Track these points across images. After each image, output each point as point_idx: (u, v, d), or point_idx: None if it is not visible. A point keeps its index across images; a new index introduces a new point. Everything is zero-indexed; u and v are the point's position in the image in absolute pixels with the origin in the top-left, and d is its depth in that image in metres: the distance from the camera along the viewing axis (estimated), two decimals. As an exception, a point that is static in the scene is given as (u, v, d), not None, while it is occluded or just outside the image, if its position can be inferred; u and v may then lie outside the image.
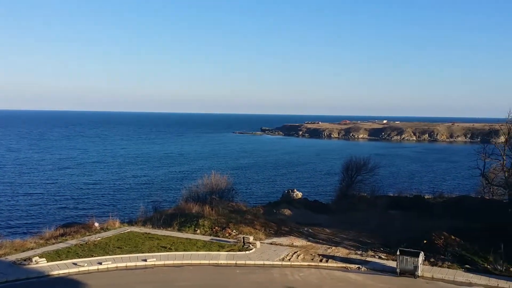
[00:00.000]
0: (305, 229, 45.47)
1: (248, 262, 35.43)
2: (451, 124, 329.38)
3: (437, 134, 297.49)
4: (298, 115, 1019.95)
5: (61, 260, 33.90)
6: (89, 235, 41.34)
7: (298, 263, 35.34)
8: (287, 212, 53.48)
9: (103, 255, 35.33)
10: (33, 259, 33.12)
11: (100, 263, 33.56)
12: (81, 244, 38.14)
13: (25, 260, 33.18)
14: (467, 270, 33.77)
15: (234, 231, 43.25)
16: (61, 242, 39.19)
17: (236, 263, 35.17)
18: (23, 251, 36.06)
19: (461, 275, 32.64)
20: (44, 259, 33.63)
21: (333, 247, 39.62)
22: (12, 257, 34.23)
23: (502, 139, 54.06)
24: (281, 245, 40.06)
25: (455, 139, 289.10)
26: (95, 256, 35.00)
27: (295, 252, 37.61)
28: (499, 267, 33.66)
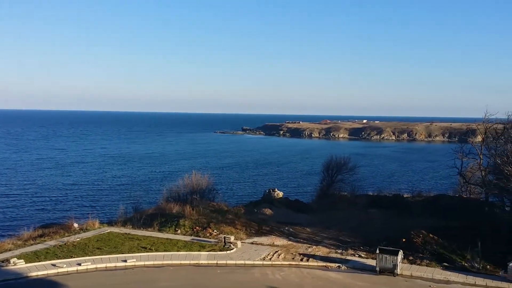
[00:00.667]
0: (286, 228, 45.63)
1: (229, 262, 35.44)
2: (429, 123, 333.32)
3: (415, 133, 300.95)
4: (279, 114, 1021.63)
5: (39, 261, 33.56)
6: (68, 236, 40.94)
7: (279, 263, 35.46)
8: (268, 211, 53.58)
9: (83, 256, 35.05)
10: (11, 261, 32.73)
11: (80, 264, 33.28)
12: (60, 245, 37.80)
13: (2, 262, 32.76)
14: (445, 268, 34.27)
15: (215, 231, 43.20)
16: (39, 243, 38.77)
17: (217, 263, 35.15)
18: (1, 253, 35.64)
19: (439, 273, 33.10)
20: (22, 260, 33.27)
21: (314, 246, 39.84)
22: (-12, 259, 33.63)
23: (479, 138, 54.97)
24: (262, 244, 40.15)
25: (433, 139, 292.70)
26: (74, 257, 34.69)
27: (276, 252, 37.73)
28: (476, 265, 34.25)
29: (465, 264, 34.84)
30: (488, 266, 34.17)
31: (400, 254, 33.65)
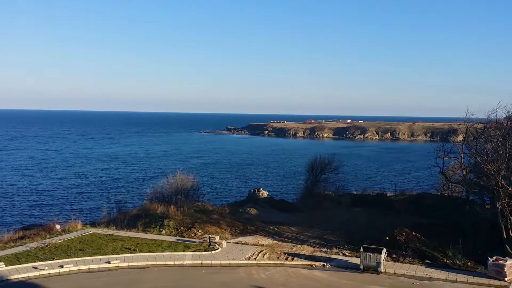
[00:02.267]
0: (271, 227, 45.72)
1: (214, 262, 35.39)
2: (412, 123, 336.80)
3: (398, 133, 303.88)
4: (263, 114, 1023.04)
5: (20, 264, 33.05)
6: (50, 237, 40.47)
7: (264, 262, 35.51)
8: (253, 211, 53.62)
9: (65, 258, 34.62)
10: (-9, 264, 32.07)
11: (62, 266, 32.87)
12: (41, 247, 37.32)
13: (-19, 265, 32.11)
14: (428, 265, 34.71)
15: (200, 231, 43.11)
16: (20, 245, 38.19)
17: (202, 263, 35.07)
18: (-20, 256, 34.85)
19: (421, 270, 33.49)
20: (2, 263, 32.72)
21: (299, 245, 39.97)
22: (-33, 262, 33.05)
23: (460, 138, 55.61)
24: (247, 244, 40.17)
25: (416, 138, 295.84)
26: (56, 259, 34.27)
27: (261, 251, 37.78)
28: (457, 262, 34.77)
29: (447, 261, 35.32)
30: (469, 263, 34.65)
31: (384, 252, 33.97)
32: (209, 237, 39.70)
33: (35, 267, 32.51)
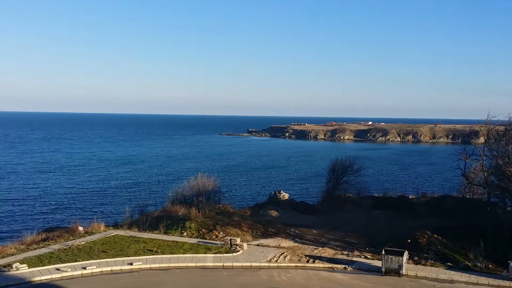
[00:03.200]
0: (292, 230, 45.65)
1: (235, 264, 35.49)
2: (434, 125, 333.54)
3: (420, 135, 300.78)
4: (284, 116, 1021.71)
5: (43, 266, 33.28)
6: (73, 239, 40.80)
7: (285, 264, 35.49)
8: (274, 213, 53.61)
9: (88, 260, 34.89)
10: (14, 265, 32.36)
11: (84, 268, 33.13)
12: (64, 249, 37.59)
13: (4, 267, 32.41)
14: (449, 268, 34.43)
15: (221, 233, 43.27)
16: (43, 247, 38.45)
17: (223, 265, 35.20)
18: (3, 257, 35.15)
19: (443, 273, 33.23)
20: (25, 265, 32.95)
21: (320, 248, 39.86)
22: (-10, 264, 33.49)
23: (481, 140, 54.95)
24: (268, 246, 40.19)
25: (438, 140, 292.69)
26: (79, 261, 34.52)
27: (282, 253, 37.77)
28: (479, 264, 34.50)
29: (468, 263, 35.03)
30: (490, 266, 34.45)
31: (405, 254, 33.74)
32: (230, 239, 39.81)
33: (58, 269, 32.75)
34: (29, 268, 32.72)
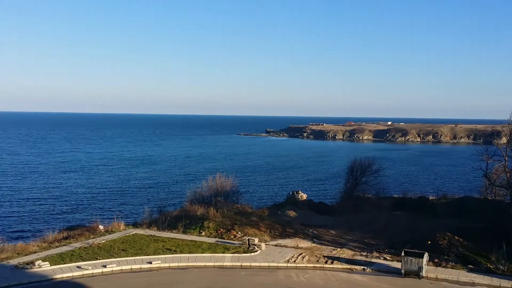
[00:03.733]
0: (310, 230, 45.52)
1: (253, 264, 35.53)
2: (454, 125, 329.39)
3: (441, 135, 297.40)
4: (302, 116, 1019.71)
5: (64, 264, 33.83)
6: (94, 237, 41.33)
7: (303, 265, 35.41)
8: (292, 213, 53.53)
9: (108, 258, 35.33)
10: (36, 263, 32.94)
11: (105, 266, 33.56)
12: (85, 247, 38.15)
13: (27, 264, 33.01)
14: (470, 270, 33.95)
15: (239, 233, 43.35)
16: (64, 245, 39.09)
17: (241, 265, 35.27)
18: (26, 255, 35.84)
19: (464, 275, 32.78)
20: (47, 262, 33.51)
21: (338, 249, 39.68)
22: (14, 261, 34.13)
23: (504, 140, 54.08)
24: (286, 246, 40.15)
25: (459, 141, 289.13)
26: (99, 259, 34.98)
27: (300, 254, 37.69)
28: (501, 267, 33.88)
29: (490, 266, 34.46)
30: (513, 268, 33.71)
31: (426, 256, 33.36)
32: (248, 239, 39.86)
33: (79, 267, 33.22)
34: (51, 265, 33.24)
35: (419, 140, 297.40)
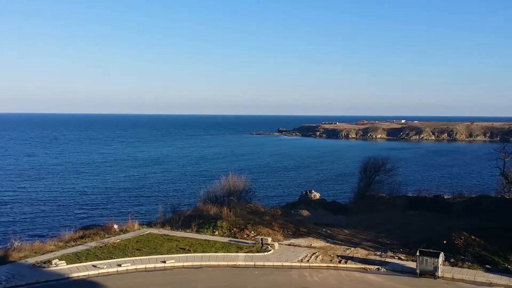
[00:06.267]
0: (324, 230, 45.31)
1: (266, 263, 35.43)
2: (470, 123, 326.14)
3: (456, 133, 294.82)
4: (315, 115, 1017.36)
5: (80, 263, 34.10)
6: (108, 237, 41.56)
7: (317, 264, 35.23)
8: (305, 213, 53.36)
9: (123, 257, 35.53)
10: (53, 262, 33.30)
11: (120, 265, 33.75)
12: (100, 246, 38.37)
13: (44, 263, 33.37)
14: (488, 270, 33.45)
15: (252, 232, 43.28)
16: (80, 244, 39.39)
17: (254, 264, 35.19)
18: (43, 254, 36.28)
19: (481, 275, 32.31)
20: (63, 261, 33.82)
21: (352, 248, 39.42)
22: (31, 260, 34.48)
23: (522, 137, 53.16)
24: (299, 246, 39.99)
25: (475, 138, 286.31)
26: (114, 258, 35.18)
27: (314, 253, 37.51)
28: (519, 267, 33.30)
29: (508, 266, 33.95)
30: (531, 268, 33.20)
31: (441, 256, 32.93)
32: (261, 238, 39.77)
33: (94, 266, 33.47)
34: (67, 264, 33.50)
35: (433, 138, 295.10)
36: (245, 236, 42.72)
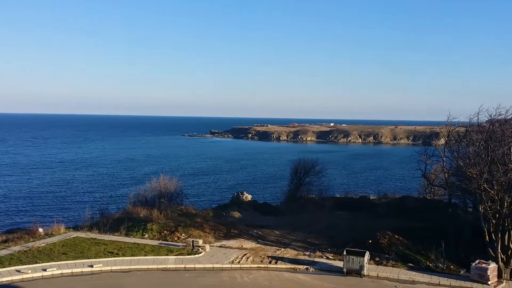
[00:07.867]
0: (255, 231, 45.78)
1: (197, 265, 35.34)
2: (394, 127, 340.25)
3: (381, 136, 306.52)
4: (247, 117, 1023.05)
5: (3, 267, 32.81)
6: (33, 241, 40.17)
7: (248, 266, 35.54)
8: (236, 214, 53.65)
9: (48, 262, 34.42)
10: (-27, 267, 31.72)
11: (45, 270, 32.69)
12: (24, 251, 37.02)
13: (-37, 268, 31.74)
14: (411, 269, 35.01)
15: (183, 234, 43.01)
16: (3, 248, 37.90)
17: (185, 267, 35.01)
18: (-38, 259, 34.43)
19: (404, 274, 33.80)
20: (-16, 266, 32.30)
21: (282, 249, 40.08)
22: None
23: (442, 141, 56.17)
24: (230, 247, 40.17)
25: (398, 141, 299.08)
26: (39, 263, 34.06)
27: (245, 255, 37.81)
28: (440, 265, 35.17)
29: (430, 264, 35.69)
30: (451, 266, 35.07)
31: (367, 255, 34.24)
32: (192, 240, 39.62)
33: (18, 271, 32.30)
34: (-12, 270, 31.95)
35: (360, 141, 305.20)
36: (175, 238, 42.39)
